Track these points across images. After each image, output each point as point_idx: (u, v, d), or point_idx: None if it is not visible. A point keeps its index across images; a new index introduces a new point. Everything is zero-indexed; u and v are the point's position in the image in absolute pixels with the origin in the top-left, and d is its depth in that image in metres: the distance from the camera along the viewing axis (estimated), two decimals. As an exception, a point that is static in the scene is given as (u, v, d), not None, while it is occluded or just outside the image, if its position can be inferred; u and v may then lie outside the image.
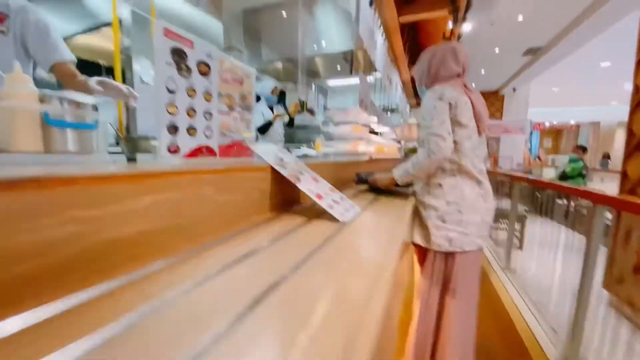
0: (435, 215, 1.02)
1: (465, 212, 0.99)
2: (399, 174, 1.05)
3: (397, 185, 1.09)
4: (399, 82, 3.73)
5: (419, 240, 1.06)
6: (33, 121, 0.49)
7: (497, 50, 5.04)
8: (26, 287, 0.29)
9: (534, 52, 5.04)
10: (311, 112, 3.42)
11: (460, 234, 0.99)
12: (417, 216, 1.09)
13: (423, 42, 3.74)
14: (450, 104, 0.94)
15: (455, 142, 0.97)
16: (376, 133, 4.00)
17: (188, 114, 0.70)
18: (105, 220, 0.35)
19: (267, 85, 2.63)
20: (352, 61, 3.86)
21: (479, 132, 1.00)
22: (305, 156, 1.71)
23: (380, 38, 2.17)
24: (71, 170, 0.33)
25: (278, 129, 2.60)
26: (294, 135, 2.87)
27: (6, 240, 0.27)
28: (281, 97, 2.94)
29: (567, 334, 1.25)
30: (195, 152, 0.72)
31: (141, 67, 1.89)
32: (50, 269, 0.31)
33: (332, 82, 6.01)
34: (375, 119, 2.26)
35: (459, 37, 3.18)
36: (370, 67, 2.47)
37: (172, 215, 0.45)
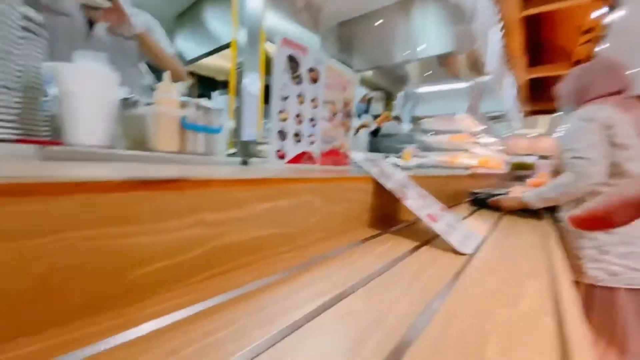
0: (591, 245, 0.87)
1: (635, 243, 0.83)
2: (532, 198, 0.87)
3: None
4: (511, 86, 3.17)
5: None
6: (174, 125, 0.56)
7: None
8: (155, 286, 0.29)
9: None
10: (397, 119, 3.24)
11: (627, 268, 0.82)
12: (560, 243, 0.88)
13: (548, 37, 3.06)
14: (604, 125, 0.85)
15: (615, 164, 0.86)
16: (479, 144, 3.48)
17: (296, 121, 0.70)
18: (227, 224, 0.35)
19: (357, 93, 2.60)
20: (450, 65, 3.50)
21: None
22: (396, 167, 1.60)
23: (495, 35, 1.85)
24: (202, 173, 0.33)
25: (362, 137, 2.54)
26: (378, 144, 2.76)
27: (144, 237, 0.28)
28: (367, 105, 2.87)
29: None
30: (298, 158, 0.72)
31: (249, 80, 2.14)
32: (177, 269, 0.31)
33: (424, 89, 5.63)
34: (482, 127, 1.95)
35: (603, 28, 2.46)
36: (476, 70, 2.15)
37: (283, 223, 0.43)
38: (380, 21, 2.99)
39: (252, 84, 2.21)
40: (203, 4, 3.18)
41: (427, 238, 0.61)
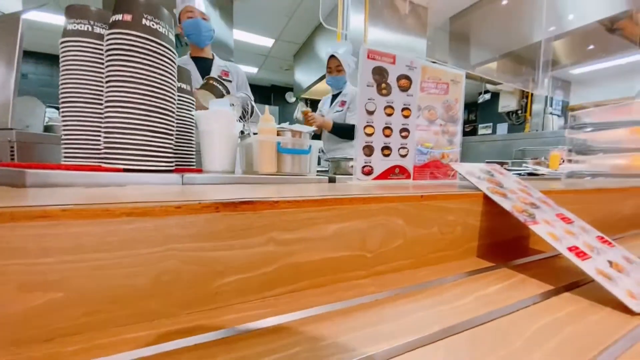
0: None
1: None
2: None
3: None
4: None
5: None
6: (272, 150, 0.64)
7: None
8: (233, 295, 0.33)
9: None
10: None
11: None
12: None
13: None
14: None
15: None
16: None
17: (384, 133, 0.66)
18: (296, 244, 0.36)
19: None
20: (628, 28, 2.50)
21: None
22: (531, 176, 1.23)
23: None
24: (276, 194, 0.36)
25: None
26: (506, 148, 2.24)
27: (219, 252, 0.32)
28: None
29: None
30: (386, 174, 0.67)
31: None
32: (252, 282, 0.34)
33: (579, 70, 4.24)
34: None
35: None
36: None
37: (356, 245, 0.40)
38: (505, 2, 2.48)
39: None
40: (314, 38, 3.59)
41: (573, 280, 0.43)
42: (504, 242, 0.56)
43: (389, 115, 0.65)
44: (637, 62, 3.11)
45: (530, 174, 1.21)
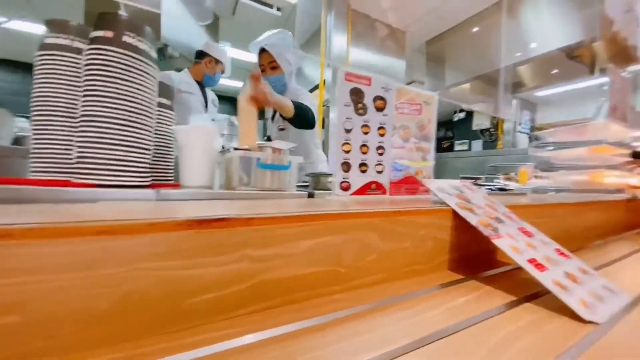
0: None
1: None
2: None
3: None
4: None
5: None
6: (252, 166, 0.65)
7: None
8: (204, 315, 0.33)
9: None
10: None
11: None
12: None
13: None
14: None
15: None
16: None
17: (361, 150, 0.69)
18: (269, 261, 0.36)
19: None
20: (583, 57, 2.76)
21: None
22: (501, 191, 1.31)
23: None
24: (252, 210, 0.37)
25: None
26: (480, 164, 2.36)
27: (191, 270, 0.32)
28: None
29: None
30: (364, 189, 0.69)
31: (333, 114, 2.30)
32: (223, 301, 0.34)
33: (544, 92, 4.60)
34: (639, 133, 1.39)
35: None
36: (625, 57, 1.58)
37: (331, 261, 0.41)
38: (476, 29, 2.69)
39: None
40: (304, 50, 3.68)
41: (534, 291, 0.46)
42: (473, 255, 0.58)
43: (366, 133, 0.68)
44: (594, 85, 3.41)
45: (500, 189, 1.28)
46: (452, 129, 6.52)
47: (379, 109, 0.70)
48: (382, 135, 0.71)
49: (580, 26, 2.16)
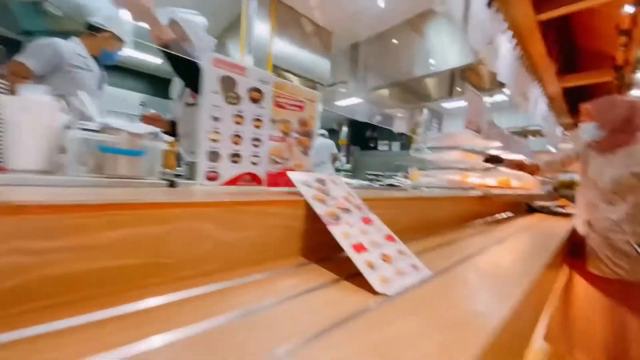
0: None
1: None
2: None
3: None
4: (540, 97, 2.88)
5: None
6: (90, 148, 0.58)
7: None
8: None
9: None
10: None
11: None
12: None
13: (581, 40, 2.73)
14: None
15: None
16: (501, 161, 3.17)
17: (232, 141, 0.68)
18: (57, 253, 0.32)
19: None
20: (474, 78, 3.31)
21: None
22: (390, 187, 1.48)
23: (506, 44, 1.71)
24: (30, 198, 0.32)
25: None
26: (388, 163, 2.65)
27: None
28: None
29: None
30: (236, 180, 0.69)
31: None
32: (-18, 302, 0.29)
33: (450, 105, 5.38)
34: (497, 143, 1.76)
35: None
36: (490, 82, 1.98)
37: (151, 252, 0.39)
38: (394, 41, 2.98)
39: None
40: (225, 39, 3.46)
41: (356, 271, 0.53)
42: (324, 242, 0.64)
43: (239, 124, 0.68)
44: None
45: (390, 185, 1.44)
46: (376, 130, 7.10)
47: (255, 101, 0.70)
48: (258, 127, 0.71)
49: (467, 51, 2.59)
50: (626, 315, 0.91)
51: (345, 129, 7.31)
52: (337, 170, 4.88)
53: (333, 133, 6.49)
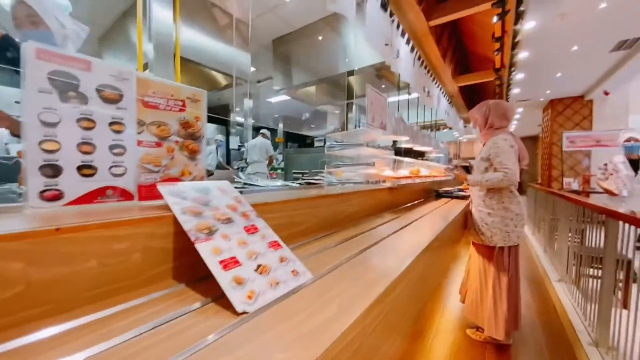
0: (508, 221, 1.24)
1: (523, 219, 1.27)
2: (473, 179, 1.27)
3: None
4: (441, 95, 3.29)
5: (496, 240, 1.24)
6: None
7: (575, 47, 4.14)
8: None
9: (629, 46, 3.98)
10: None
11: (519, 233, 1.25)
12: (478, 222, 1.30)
13: (470, 46, 3.24)
14: (515, 150, 1.26)
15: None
16: (422, 154, 3.55)
17: (80, 150, 0.56)
18: None
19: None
20: (388, 77, 3.59)
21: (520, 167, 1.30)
22: (306, 185, 1.49)
23: (404, 46, 1.88)
24: None
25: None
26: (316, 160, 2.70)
27: None
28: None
29: None
30: (91, 197, 0.58)
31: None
32: None
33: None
34: (404, 138, 1.93)
35: (514, 35, 2.63)
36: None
37: None
38: (320, 37, 3.00)
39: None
40: (126, 22, 3.00)
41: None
42: (199, 259, 0.58)
43: (88, 129, 0.56)
44: (414, 98, 4.48)
45: (308, 183, 1.44)
46: (313, 127, 7.20)
47: (110, 101, 0.59)
48: (118, 131, 0.60)
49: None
50: (486, 267, 1.27)
51: (281, 127, 7.21)
52: (273, 169, 4.79)
53: (272, 132, 6.36)
